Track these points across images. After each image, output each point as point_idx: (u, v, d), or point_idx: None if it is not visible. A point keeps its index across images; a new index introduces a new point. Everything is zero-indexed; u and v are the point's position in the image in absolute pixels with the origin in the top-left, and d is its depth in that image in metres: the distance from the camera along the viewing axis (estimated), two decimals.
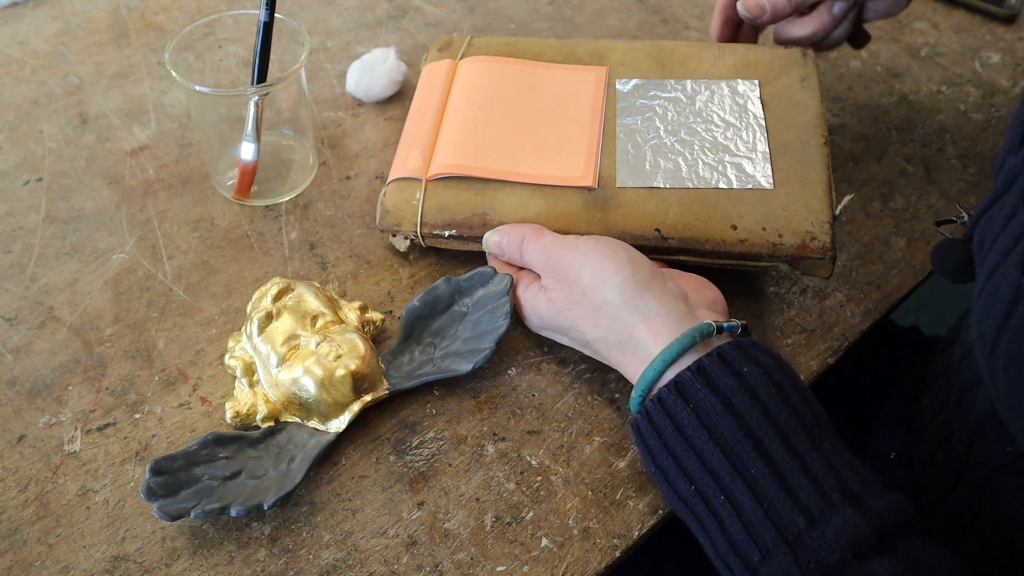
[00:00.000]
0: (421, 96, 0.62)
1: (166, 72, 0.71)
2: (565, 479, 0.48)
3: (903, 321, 0.80)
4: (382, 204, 0.56)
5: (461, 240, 0.55)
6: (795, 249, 0.51)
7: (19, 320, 0.54)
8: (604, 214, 0.54)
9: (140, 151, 0.65)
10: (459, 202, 0.55)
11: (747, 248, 0.52)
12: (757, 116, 0.57)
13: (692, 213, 0.53)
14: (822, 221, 0.52)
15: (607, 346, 0.47)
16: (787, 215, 0.52)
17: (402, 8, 0.79)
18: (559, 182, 0.55)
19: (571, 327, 0.48)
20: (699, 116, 0.58)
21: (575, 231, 0.53)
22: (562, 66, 0.62)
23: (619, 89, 0.60)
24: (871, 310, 0.56)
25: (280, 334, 0.49)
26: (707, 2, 0.81)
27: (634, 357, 0.45)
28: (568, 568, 0.44)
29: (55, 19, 0.76)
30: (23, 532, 0.45)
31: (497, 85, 0.61)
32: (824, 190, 0.54)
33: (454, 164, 0.56)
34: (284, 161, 0.64)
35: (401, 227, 0.55)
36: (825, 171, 0.55)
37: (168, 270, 0.57)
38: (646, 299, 0.46)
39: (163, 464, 0.45)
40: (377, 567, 0.44)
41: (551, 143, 0.57)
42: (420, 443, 0.49)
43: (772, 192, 0.53)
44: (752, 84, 0.59)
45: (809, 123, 0.57)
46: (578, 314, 0.48)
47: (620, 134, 0.57)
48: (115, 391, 0.51)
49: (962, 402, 0.51)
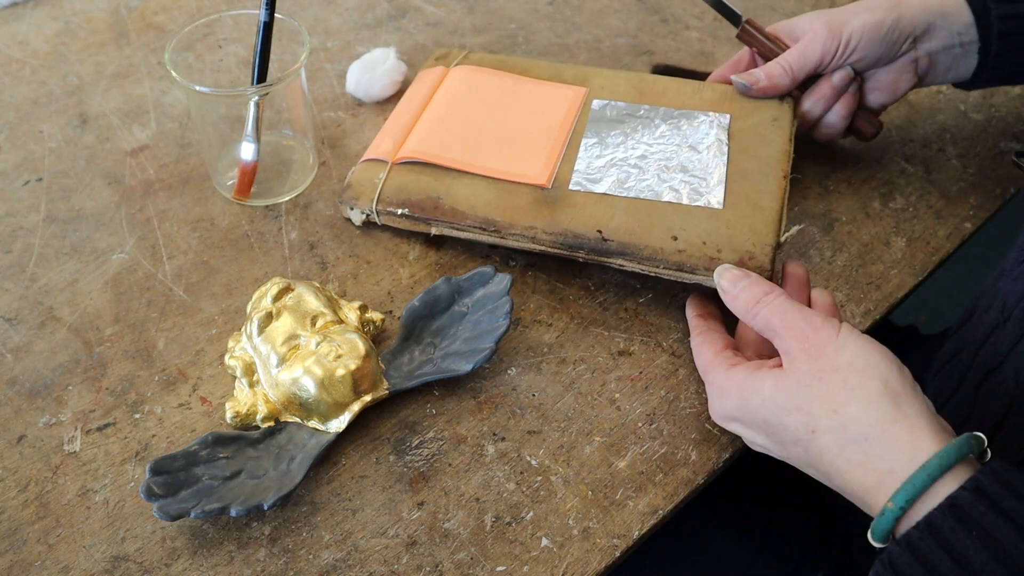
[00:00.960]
0: (409, 94, 0.66)
1: (166, 72, 0.71)
2: (565, 479, 0.48)
3: (901, 321, 0.80)
4: (348, 179, 0.60)
5: (412, 220, 0.57)
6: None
7: (19, 320, 0.54)
8: (551, 212, 0.55)
9: (140, 151, 0.65)
10: (417, 185, 0.58)
11: (684, 259, 0.52)
12: (721, 144, 0.58)
13: (636, 220, 0.54)
14: (764, 244, 0.52)
15: (842, 440, 0.40)
16: (731, 233, 0.53)
17: (402, 8, 0.79)
18: (515, 178, 0.57)
19: (798, 409, 0.41)
20: (665, 138, 0.59)
21: (519, 224, 0.55)
22: (544, 82, 0.65)
23: (593, 108, 0.62)
24: (871, 310, 0.56)
25: (280, 334, 0.49)
26: None
27: (881, 459, 0.38)
28: (568, 568, 0.44)
29: (55, 19, 0.76)
30: (23, 532, 0.45)
31: (480, 91, 0.64)
32: (773, 217, 0.54)
33: (420, 151, 0.59)
34: (284, 161, 0.64)
35: (359, 201, 0.58)
36: (778, 201, 0.55)
37: (168, 270, 0.57)
38: (911, 396, 0.40)
39: (163, 464, 0.45)
40: (377, 567, 0.44)
41: (517, 144, 0.60)
42: (420, 443, 0.49)
43: (720, 212, 0.54)
44: (723, 117, 0.60)
45: (773, 157, 0.58)
46: (818, 393, 0.41)
47: (584, 144, 0.59)
48: (115, 391, 0.51)
49: (983, 386, 0.49)
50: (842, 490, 0.41)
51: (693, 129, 0.59)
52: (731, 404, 0.45)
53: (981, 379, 0.50)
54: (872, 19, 0.57)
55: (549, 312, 0.55)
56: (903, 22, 0.57)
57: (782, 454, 0.44)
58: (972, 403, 0.50)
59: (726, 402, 0.45)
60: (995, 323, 0.49)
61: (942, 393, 0.55)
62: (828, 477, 0.41)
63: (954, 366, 0.54)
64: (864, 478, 0.39)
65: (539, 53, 0.75)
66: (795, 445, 0.42)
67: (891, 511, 0.37)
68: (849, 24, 0.58)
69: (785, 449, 0.43)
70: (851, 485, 0.40)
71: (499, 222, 0.55)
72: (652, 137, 0.59)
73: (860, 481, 0.39)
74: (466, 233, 0.56)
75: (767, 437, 0.44)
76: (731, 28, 0.78)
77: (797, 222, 0.61)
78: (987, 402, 0.49)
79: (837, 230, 0.61)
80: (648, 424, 0.50)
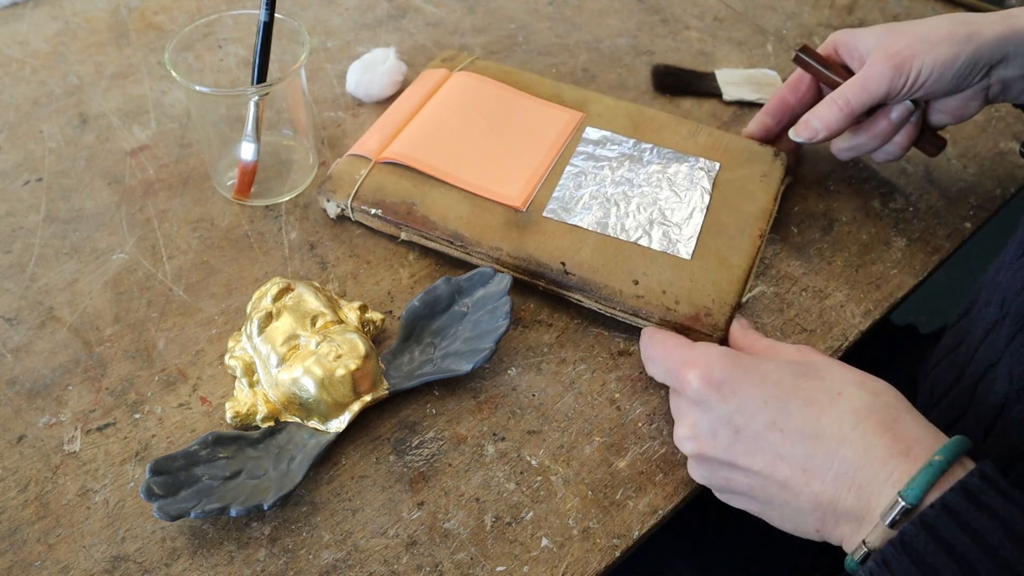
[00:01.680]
0: (408, 93, 0.66)
1: (166, 72, 0.71)
2: (565, 479, 0.48)
3: (900, 320, 0.80)
4: (330, 171, 0.60)
5: (383, 221, 0.58)
6: (686, 319, 0.52)
7: (19, 320, 0.54)
8: (520, 235, 0.55)
9: (140, 151, 0.65)
10: (395, 187, 0.58)
11: (640, 304, 0.52)
12: (704, 193, 0.58)
13: (602, 258, 0.54)
14: (724, 303, 0.53)
15: (872, 406, 0.40)
16: (692, 287, 0.53)
17: (402, 8, 0.79)
18: (492, 196, 0.58)
19: (777, 419, 0.40)
20: (649, 178, 0.59)
21: (485, 243, 0.55)
22: (542, 101, 0.65)
23: (585, 136, 0.62)
24: (871, 310, 0.57)
25: (280, 334, 0.49)
26: (707, 2, 0.81)
27: (878, 453, 0.38)
28: (568, 568, 0.44)
29: (55, 19, 0.76)
30: (23, 532, 0.45)
31: (477, 100, 0.64)
32: (739, 276, 0.54)
33: (404, 154, 0.59)
34: (284, 161, 0.64)
35: (336, 195, 0.58)
36: (748, 260, 0.55)
37: (168, 270, 0.57)
38: (897, 405, 0.40)
39: (163, 464, 0.45)
40: (377, 567, 0.44)
41: (502, 161, 0.60)
42: (420, 443, 0.49)
43: (687, 262, 0.54)
44: (712, 165, 0.60)
45: (753, 214, 0.57)
46: (796, 405, 0.40)
47: (568, 172, 0.60)
48: (115, 391, 0.51)
49: (982, 381, 0.49)
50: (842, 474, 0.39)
51: (680, 173, 0.59)
52: (733, 364, 0.42)
53: (981, 374, 0.49)
54: (946, 55, 0.52)
55: (549, 312, 0.55)
56: (979, 54, 0.52)
57: (779, 422, 0.41)
58: (970, 398, 0.50)
59: (725, 361, 0.42)
60: (995, 318, 0.48)
61: (939, 387, 0.54)
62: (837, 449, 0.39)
63: (952, 360, 0.54)
64: (862, 472, 0.38)
65: (539, 53, 0.75)
66: (809, 408, 0.40)
67: (909, 496, 0.36)
68: (919, 59, 0.52)
69: (788, 416, 0.41)
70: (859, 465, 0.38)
71: (467, 238, 0.55)
72: (637, 175, 0.59)
73: (862, 477, 0.38)
74: (433, 243, 0.57)
75: (764, 405, 0.41)
76: (731, 28, 0.78)
77: (796, 223, 0.61)
78: (984, 397, 0.49)
79: (837, 230, 0.61)
80: (648, 424, 0.50)
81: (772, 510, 0.42)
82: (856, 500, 0.38)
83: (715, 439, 0.42)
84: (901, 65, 0.52)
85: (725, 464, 0.42)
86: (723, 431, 0.42)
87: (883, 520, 0.37)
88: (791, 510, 0.41)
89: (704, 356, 0.43)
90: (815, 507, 0.40)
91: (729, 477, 0.43)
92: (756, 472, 0.41)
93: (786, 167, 0.60)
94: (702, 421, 0.43)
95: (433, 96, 0.64)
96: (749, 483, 0.42)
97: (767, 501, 0.42)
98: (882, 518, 0.37)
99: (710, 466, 0.43)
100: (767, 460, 0.40)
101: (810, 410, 0.40)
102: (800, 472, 0.40)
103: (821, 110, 0.55)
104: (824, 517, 0.40)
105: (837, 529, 0.40)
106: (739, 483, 0.43)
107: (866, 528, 0.38)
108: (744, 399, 0.41)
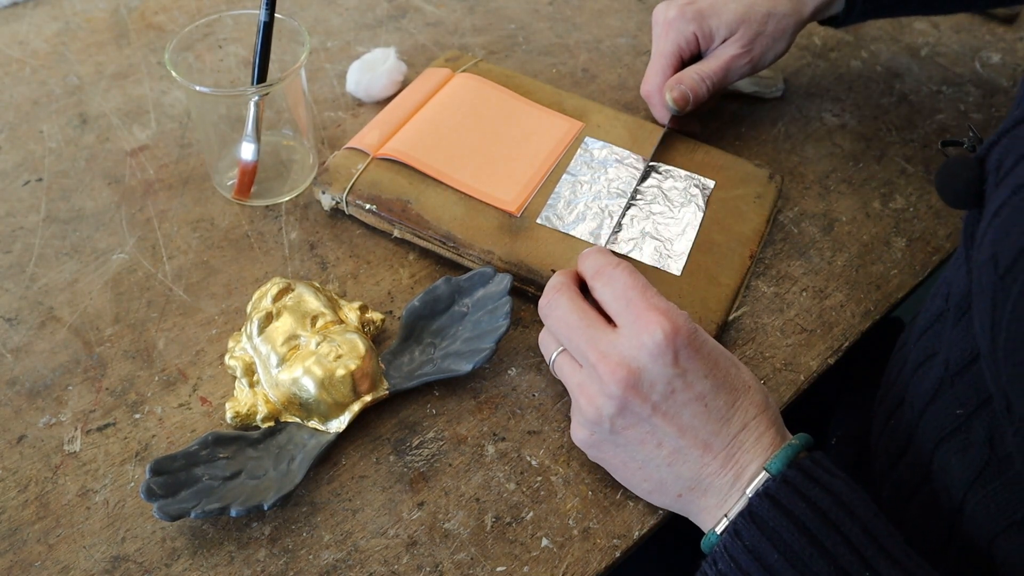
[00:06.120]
0: (409, 90, 0.66)
1: (166, 72, 0.71)
2: (565, 479, 0.48)
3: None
4: (327, 163, 0.60)
5: (378, 217, 0.58)
6: None
7: (19, 320, 0.54)
8: (512, 240, 0.56)
9: (140, 151, 0.65)
10: (391, 184, 0.58)
11: None
12: (698, 211, 0.58)
13: None
14: (710, 321, 0.53)
15: (731, 427, 0.43)
16: (679, 303, 0.53)
17: (402, 8, 0.79)
18: (487, 199, 0.58)
19: (707, 395, 0.43)
20: (644, 192, 0.59)
21: (478, 246, 0.55)
22: (543, 108, 0.65)
23: (584, 145, 0.62)
24: (871, 310, 0.57)
25: (280, 334, 0.49)
26: None
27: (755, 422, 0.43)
28: (568, 568, 0.44)
29: (55, 19, 0.76)
30: (23, 532, 0.45)
31: (477, 103, 0.64)
32: (727, 295, 0.54)
33: (402, 151, 0.60)
34: (284, 161, 0.64)
35: (331, 187, 0.59)
36: (737, 279, 0.55)
37: (168, 270, 0.57)
38: None
39: (163, 464, 0.45)
40: (377, 567, 0.44)
41: (499, 165, 0.60)
42: (420, 443, 0.49)
43: (676, 279, 0.54)
44: (708, 182, 0.60)
45: (744, 234, 0.58)
46: (725, 388, 0.44)
47: (564, 181, 0.60)
48: (115, 391, 0.51)
49: (920, 368, 0.50)
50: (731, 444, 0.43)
51: (675, 189, 0.59)
52: (694, 334, 0.43)
53: (920, 362, 0.50)
54: (787, 25, 0.62)
55: None
56: (805, 11, 0.63)
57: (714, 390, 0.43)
58: (907, 387, 0.51)
59: (689, 328, 0.43)
60: (940, 310, 0.49)
61: (889, 376, 0.55)
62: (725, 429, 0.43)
63: (899, 356, 0.55)
64: (744, 435, 0.43)
65: (539, 53, 0.75)
66: (730, 393, 0.44)
67: (775, 466, 0.42)
68: (767, 40, 0.62)
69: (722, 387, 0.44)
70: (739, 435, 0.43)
71: (459, 239, 0.55)
72: (632, 188, 0.59)
73: (734, 443, 0.43)
74: (426, 243, 0.57)
75: (703, 379, 0.43)
76: None
77: (796, 223, 0.61)
78: (920, 384, 0.49)
79: (837, 230, 0.61)
80: None
81: (643, 470, 0.45)
82: (733, 478, 0.42)
83: (651, 390, 0.43)
84: (754, 55, 0.62)
85: (638, 415, 0.43)
86: (660, 387, 0.43)
87: (746, 491, 0.42)
88: (666, 473, 0.44)
89: (674, 313, 0.44)
90: (693, 477, 0.43)
91: (627, 426, 0.44)
92: (662, 432, 0.43)
93: (779, 189, 0.61)
94: (647, 371, 0.43)
95: (435, 96, 0.65)
96: (642, 439, 0.44)
97: (646, 460, 0.44)
98: (746, 489, 0.42)
99: (622, 412, 0.43)
100: (681, 426, 0.43)
101: (730, 395, 0.43)
102: (700, 444, 0.43)
103: (691, 81, 0.62)
104: (695, 487, 0.43)
105: (702, 499, 0.43)
106: (631, 436, 0.44)
107: (730, 502, 0.42)
108: (691, 369, 0.43)
